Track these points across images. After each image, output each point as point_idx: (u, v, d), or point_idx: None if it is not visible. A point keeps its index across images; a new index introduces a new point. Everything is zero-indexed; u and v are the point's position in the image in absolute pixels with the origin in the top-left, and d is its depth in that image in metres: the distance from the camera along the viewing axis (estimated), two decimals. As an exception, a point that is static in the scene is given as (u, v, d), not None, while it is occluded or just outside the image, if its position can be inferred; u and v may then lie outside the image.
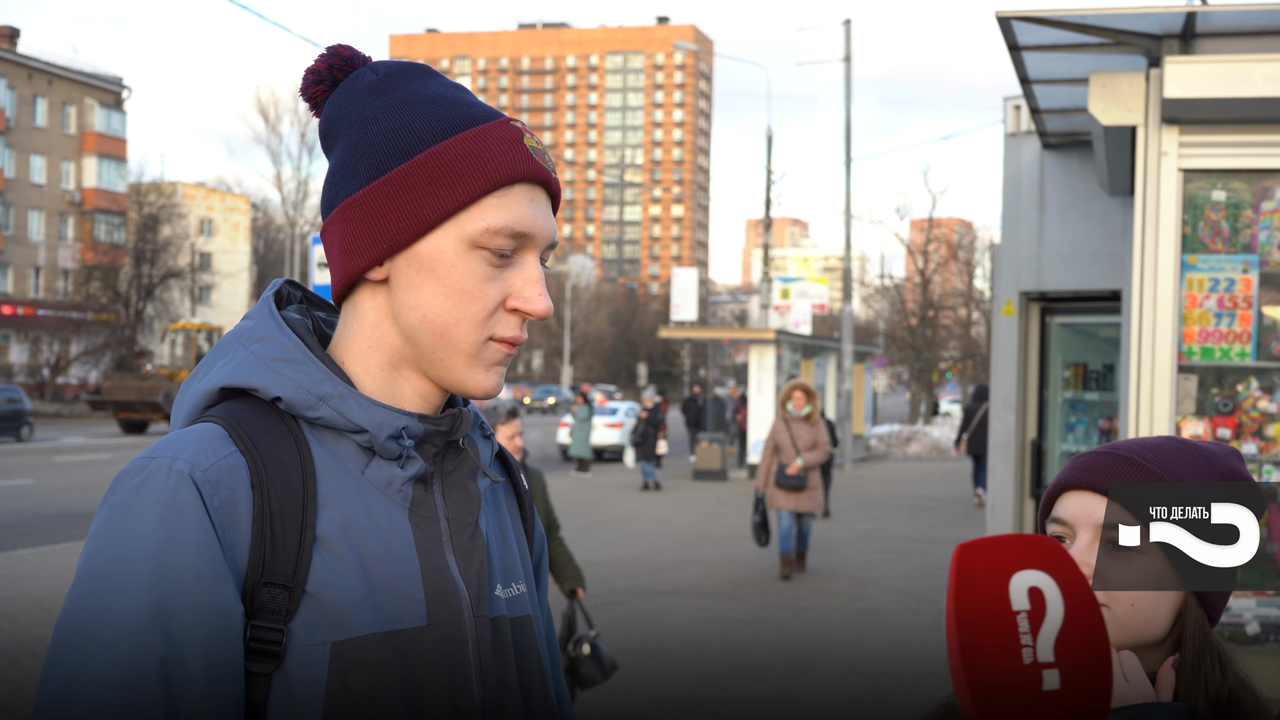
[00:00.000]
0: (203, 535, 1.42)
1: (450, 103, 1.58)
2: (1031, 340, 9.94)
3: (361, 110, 1.58)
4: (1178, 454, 1.82)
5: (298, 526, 1.47)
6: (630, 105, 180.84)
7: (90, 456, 32.63)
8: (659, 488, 25.92)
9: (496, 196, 1.54)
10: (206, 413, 1.55)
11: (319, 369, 1.54)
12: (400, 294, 1.55)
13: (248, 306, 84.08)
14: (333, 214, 1.58)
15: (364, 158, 1.56)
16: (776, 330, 31.59)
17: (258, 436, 1.50)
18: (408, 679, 1.49)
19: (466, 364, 1.56)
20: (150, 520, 1.42)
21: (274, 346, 1.56)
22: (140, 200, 67.15)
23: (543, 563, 1.84)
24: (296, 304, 1.68)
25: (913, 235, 70.72)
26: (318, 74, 1.62)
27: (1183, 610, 1.78)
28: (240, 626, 1.43)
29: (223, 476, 1.46)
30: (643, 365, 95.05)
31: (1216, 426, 6.04)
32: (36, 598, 12.00)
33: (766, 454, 14.24)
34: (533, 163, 1.57)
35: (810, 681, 9.09)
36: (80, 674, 1.37)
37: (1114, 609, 1.74)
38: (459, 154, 1.53)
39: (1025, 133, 9.62)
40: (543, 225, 1.57)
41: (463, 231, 1.53)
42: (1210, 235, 6.06)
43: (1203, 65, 5.84)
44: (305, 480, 1.49)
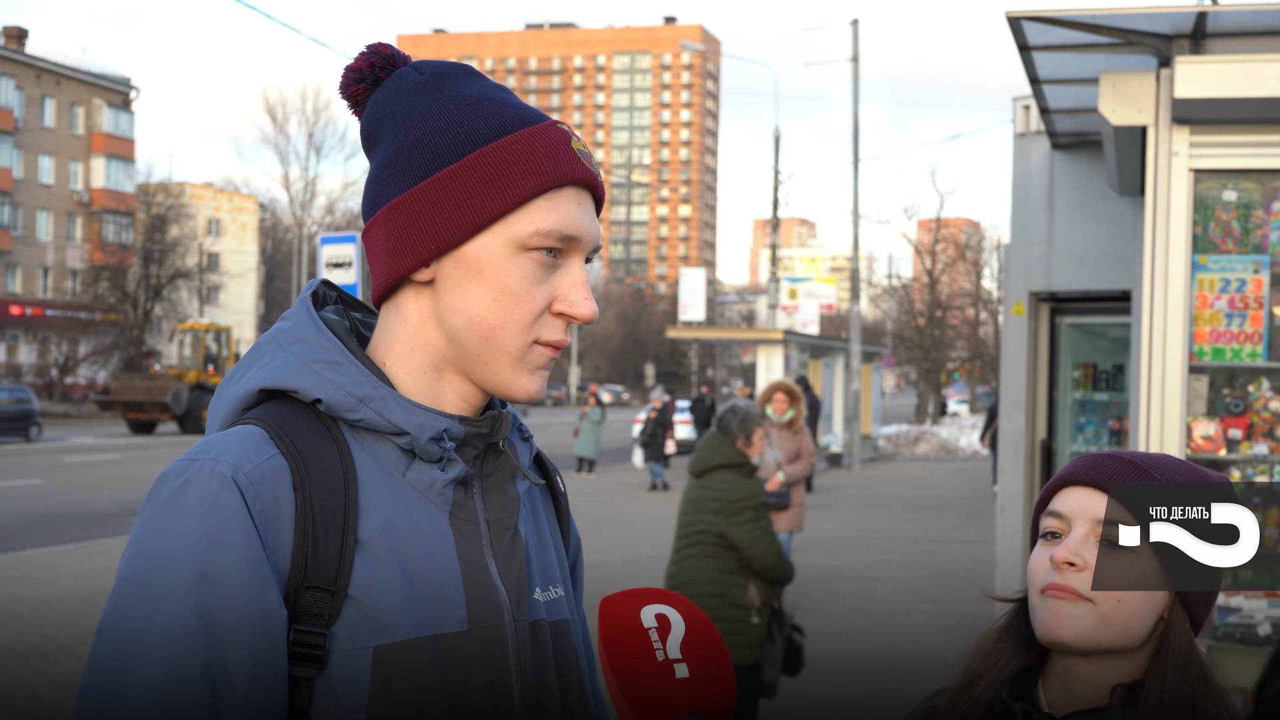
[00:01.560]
0: (246, 538, 1.41)
1: (497, 104, 1.57)
2: (1041, 340, 9.92)
3: (407, 110, 1.57)
4: (1177, 465, 1.86)
5: (339, 530, 1.46)
6: (637, 105, 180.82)
7: (99, 457, 32.68)
8: (667, 488, 25.89)
9: (545, 199, 1.53)
10: (246, 414, 1.54)
11: (359, 370, 1.53)
12: (446, 296, 1.54)
13: (255, 307, 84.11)
14: (378, 214, 1.57)
15: (411, 158, 1.54)
16: (784, 330, 31.59)
17: (299, 439, 1.49)
18: (449, 683, 1.48)
19: (511, 367, 1.55)
20: (193, 523, 1.41)
21: (313, 348, 1.55)
22: (148, 200, 67.24)
23: (579, 564, 1.83)
24: (333, 304, 1.67)
25: (920, 235, 70.65)
26: (359, 72, 1.61)
27: (1168, 614, 1.80)
28: (284, 630, 1.42)
29: (265, 479, 1.45)
30: (650, 365, 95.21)
31: (1227, 427, 6.03)
32: (46, 598, 12.01)
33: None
34: (580, 166, 1.56)
35: (819, 681, 9.08)
36: (123, 678, 1.36)
37: (1101, 605, 1.76)
38: (508, 156, 1.53)
39: (1035, 133, 9.61)
40: (589, 229, 1.57)
41: (511, 234, 1.52)
42: (1221, 235, 6.05)
43: (1214, 65, 5.83)
44: (346, 483, 1.48)
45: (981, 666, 1.90)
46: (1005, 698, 1.86)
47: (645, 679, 1.32)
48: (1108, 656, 1.80)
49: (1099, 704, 1.80)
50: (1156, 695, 1.76)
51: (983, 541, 16.74)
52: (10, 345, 63.15)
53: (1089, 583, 1.76)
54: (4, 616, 11.14)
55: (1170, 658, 1.78)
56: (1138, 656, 1.80)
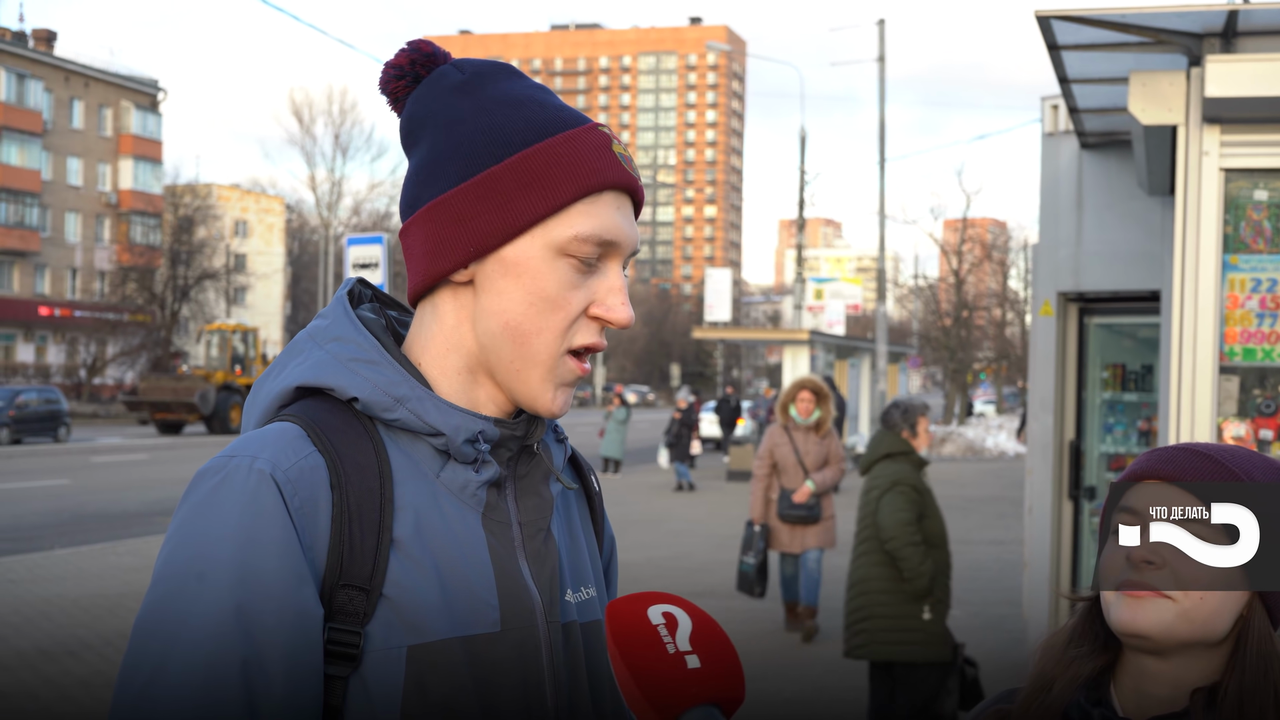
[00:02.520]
0: (284, 536, 1.41)
1: (539, 105, 1.56)
2: (1069, 341, 9.87)
3: (448, 109, 1.56)
4: (1252, 458, 1.81)
5: (375, 529, 1.46)
6: (663, 106, 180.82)
7: (127, 457, 32.84)
8: (693, 488, 25.89)
9: (586, 204, 1.52)
10: (282, 412, 1.54)
11: (396, 370, 1.53)
12: (484, 298, 1.53)
13: (282, 308, 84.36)
14: (417, 214, 1.56)
15: (452, 158, 1.53)
16: (810, 331, 31.57)
17: (335, 437, 1.48)
18: (482, 684, 1.48)
19: (542, 379, 1.54)
20: (231, 520, 1.40)
21: (350, 346, 1.54)
22: (175, 202, 67.59)
23: (613, 564, 1.82)
24: (368, 302, 1.67)
25: (946, 235, 70.49)
26: (400, 69, 1.60)
27: (1247, 611, 1.75)
28: (320, 629, 1.42)
29: (303, 476, 1.44)
30: (676, 366, 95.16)
31: (1259, 428, 5.99)
32: (74, 597, 12.07)
33: (762, 475, 10.94)
34: (621, 170, 1.55)
35: (848, 682, 9.04)
36: (160, 675, 1.35)
37: (1181, 601, 1.71)
38: (550, 159, 1.52)
39: (1063, 132, 9.56)
40: (628, 233, 1.56)
41: (550, 238, 1.51)
42: (1252, 235, 6.01)
43: (1245, 64, 5.79)
44: (383, 482, 1.48)
45: (1054, 670, 1.85)
46: (1082, 703, 1.81)
47: (659, 671, 1.36)
48: (1184, 655, 1.74)
49: (1176, 708, 1.75)
50: (1235, 694, 1.71)
51: (1010, 542, 16.66)
52: (39, 346, 63.53)
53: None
54: (33, 616, 11.20)
55: (1250, 656, 1.72)
56: (1215, 656, 1.75)
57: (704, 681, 1.37)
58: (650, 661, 1.36)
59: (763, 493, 10.91)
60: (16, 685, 8.70)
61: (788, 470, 10.87)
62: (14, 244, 62.02)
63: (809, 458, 10.83)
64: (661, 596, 1.44)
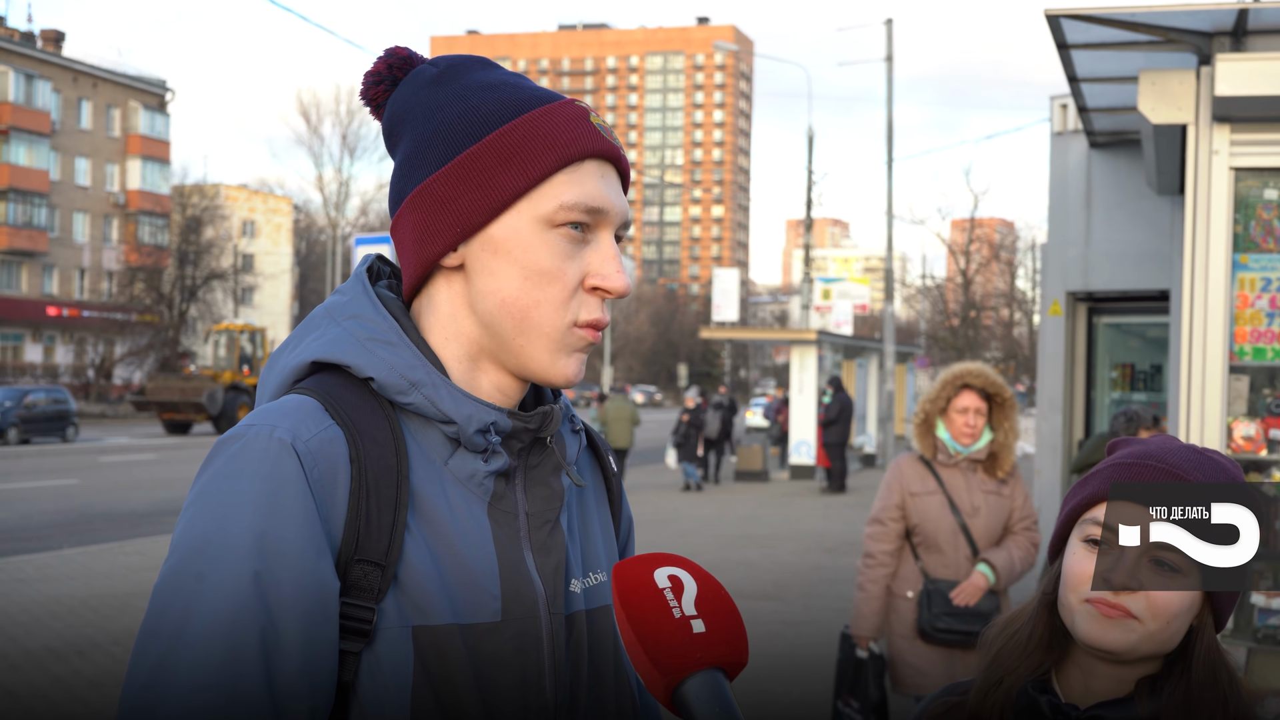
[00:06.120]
0: (304, 506, 1.40)
1: (514, 87, 1.57)
2: (1078, 340, 9.86)
3: (425, 102, 1.56)
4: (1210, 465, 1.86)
5: (391, 505, 1.45)
6: (670, 106, 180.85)
7: (135, 457, 32.88)
8: (700, 488, 25.89)
9: (567, 173, 1.52)
10: (298, 385, 1.53)
11: (413, 354, 1.52)
12: (477, 280, 1.53)
13: (290, 308, 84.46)
14: (403, 204, 1.56)
15: (432, 145, 1.54)
16: (818, 331, 31.48)
17: (353, 412, 1.48)
18: (480, 672, 1.47)
19: (549, 350, 1.53)
20: (251, 489, 1.39)
21: (367, 325, 1.54)
22: (183, 202, 67.70)
23: (629, 545, 1.81)
24: (386, 280, 1.66)
25: (954, 235, 70.44)
26: (378, 75, 1.61)
27: (1197, 621, 1.84)
28: (336, 603, 1.41)
29: (323, 448, 1.43)
30: (683, 366, 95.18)
31: (1269, 427, 5.97)
32: (83, 597, 12.08)
33: (884, 549, 5.73)
34: (600, 139, 1.55)
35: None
36: (178, 644, 1.34)
37: (1149, 624, 1.80)
38: (527, 133, 1.52)
39: (1072, 132, 9.55)
40: (615, 201, 1.55)
41: (536, 211, 1.51)
42: (1262, 235, 6.00)
43: (1255, 63, 5.77)
44: (399, 459, 1.47)
45: (1009, 663, 1.93)
46: (1029, 689, 1.91)
47: (664, 634, 1.37)
48: (1139, 663, 1.85)
49: (1120, 694, 1.86)
50: (1183, 696, 1.80)
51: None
52: (47, 346, 63.62)
53: (1143, 607, 1.79)
54: (41, 616, 11.20)
55: (1198, 665, 1.82)
56: (1163, 658, 1.86)
57: (709, 646, 1.39)
58: (655, 624, 1.38)
59: (883, 583, 5.73)
60: (25, 685, 8.70)
61: (938, 542, 5.67)
62: (22, 244, 62.13)
63: (979, 519, 5.66)
64: (667, 558, 1.46)
